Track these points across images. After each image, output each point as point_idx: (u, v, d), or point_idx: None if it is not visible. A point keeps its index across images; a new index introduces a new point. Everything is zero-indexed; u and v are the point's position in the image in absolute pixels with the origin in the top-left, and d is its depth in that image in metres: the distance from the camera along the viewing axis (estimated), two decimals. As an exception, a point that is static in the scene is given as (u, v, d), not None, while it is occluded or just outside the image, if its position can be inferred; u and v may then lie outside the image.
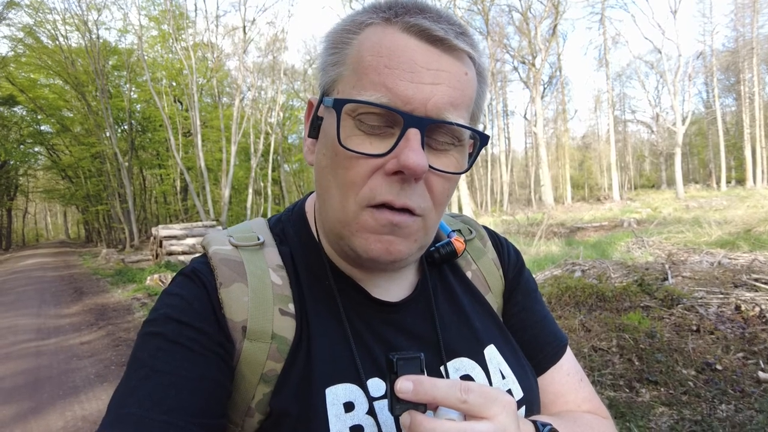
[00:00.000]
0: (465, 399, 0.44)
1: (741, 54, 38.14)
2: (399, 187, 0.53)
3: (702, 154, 50.93)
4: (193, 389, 0.52)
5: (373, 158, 0.53)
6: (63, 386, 4.54)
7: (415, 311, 0.67)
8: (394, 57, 0.52)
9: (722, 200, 20.22)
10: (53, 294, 10.57)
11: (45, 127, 31.09)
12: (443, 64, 0.53)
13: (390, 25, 0.54)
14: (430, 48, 0.53)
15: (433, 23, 0.53)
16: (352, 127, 0.54)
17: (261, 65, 29.65)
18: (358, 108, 0.53)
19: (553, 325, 0.78)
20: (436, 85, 0.52)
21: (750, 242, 8.57)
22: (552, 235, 13.13)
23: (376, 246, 0.56)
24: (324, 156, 0.58)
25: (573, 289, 5.24)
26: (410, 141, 0.51)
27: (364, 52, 0.54)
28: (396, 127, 0.53)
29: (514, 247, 0.82)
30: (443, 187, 0.57)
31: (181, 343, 0.54)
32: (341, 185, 0.56)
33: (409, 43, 0.53)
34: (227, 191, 23.19)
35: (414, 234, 0.57)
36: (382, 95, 0.51)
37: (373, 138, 0.54)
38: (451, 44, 0.53)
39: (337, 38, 0.58)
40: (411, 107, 0.51)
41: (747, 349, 3.82)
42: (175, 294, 0.58)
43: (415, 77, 0.51)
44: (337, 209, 0.57)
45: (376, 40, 0.54)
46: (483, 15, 30.34)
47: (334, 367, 0.58)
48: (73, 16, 24.45)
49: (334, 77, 0.57)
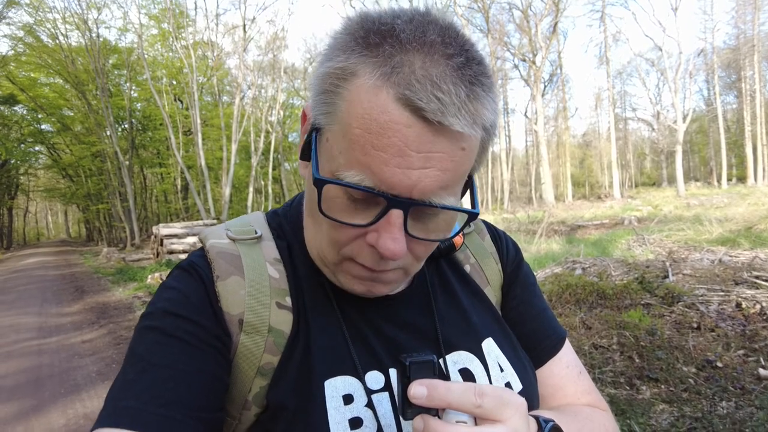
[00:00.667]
0: (480, 404, 0.43)
1: (742, 51, 38.05)
2: (379, 257, 0.53)
3: (703, 151, 50.87)
4: (190, 383, 0.52)
5: (355, 228, 0.53)
6: (65, 384, 4.55)
7: (412, 304, 0.67)
8: (383, 137, 0.46)
9: (723, 198, 20.20)
10: (54, 293, 10.60)
11: (45, 126, 31.16)
12: (437, 144, 0.47)
13: (382, 90, 0.46)
14: (423, 126, 0.46)
15: (431, 92, 0.45)
16: (338, 189, 0.51)
17: (261, 63, 29.66)
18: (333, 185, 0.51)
19: (552, 318, 0.78)
20: (425, 170, 0.48)
21: (751, 240, 8.56)
22: (553, 233, 13.13)
23: (358, 287, 0.58)
24: (309, 195, 0.58)
25: (574, 287, 5.25)
26: (390, 225, 0.50)
27: (352, 120, 0.48)
28: (380, 204, 0.51)
29: (513, 240, 0.82)
30: (426, 248, 0.58)
31: (179, 337, 0.54)
32: (326, 237, 0.56)
33: (401, 119, 0.46)
34: (228, 190, 23.20)
35: (396, 280, 0.59)
36: (366, 177, 0.48)
37: (359, 208, 0.52)
38: (448, 125, 0.46)
39: (326, 82, 0.50)
40: (396, 192, 0.48)
41: (747, 347, 3.83)
42: (172, 288, 0.58)
43: (404, 162, 0.47)
44: (319, 248, 0.59)
45: (367, 107, 0.47)
46: (483, 13, 30.29)
47: (333, 359, 0.59)
48: (73, 15, 24.51)
49: (325, 123, 0.52)
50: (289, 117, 36.79)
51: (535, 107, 31.10)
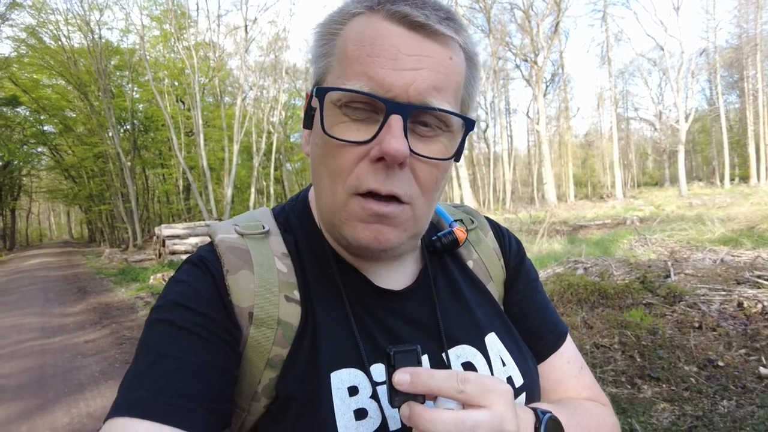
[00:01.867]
0: (462, 389, 0.44)
1: (744, 51, 37.94)
2: (384, 174, 0.54)
3: (705, 151, 50.74)
4: (201, 374, 0.53)
5: (358, 145, 0.54)
6: (68, 384, 4.57)
7: (417, 299, 0.67)
8: (376, 45, 0.52)
9: (726, 198, 20.15)
10: (57, 293, 10.63)
11: (48, 128, 31.21)
12: (425, 49, 0.53)
13: (374, 14, 0.54)
14: (412, 34, 0.53)
15: (415, 9, 0.53)
16: (339, 115, 0.55)
17: (263, 64, 29.68)
18: (342, 97, 0.54)
19: (554, 314, 0.79)
20: (417, 71, 0.52)
21: (753, 239, 8.54)
22: (554, 233, 13.12)
23: (364, 234, 0.57)
24: (316, 145, 0.60)
25: (575, 287, 5.25)
26: (392, 128, 0.51)
27: (348, 42, 0.55)
28: (380, 114, 0.53)
29: (515, 237, 0.83)
30: (430, 174, 0.57)
31: (189, 329, 0.55)
32: (331, 173, 0.57)
33: (391, 30, 0.53)
34: (230, 190, 23.24)
35: (403, 223, 0.57)
36: (364, 84, 0.52)
37: (360, 125, 0.54)
38: (434, 29, 0.53)
39: (326, 30, 0.58)
40: (393, 94, 0.52)
41: (749, 346, 3.83)
42: (182, 281, 0.59)
43: (397, 64, 0.52)
44: (328, 197, 0.59)
45: (360, 29, 0.54)
46: (485, 13, 30.28)
47: (339, 352, 0.60)
48: (75, 17, 24.58)
49: (324, 68, 0.58)
50: (290, 117, 36.82)
51: (537, 107, 31.06)
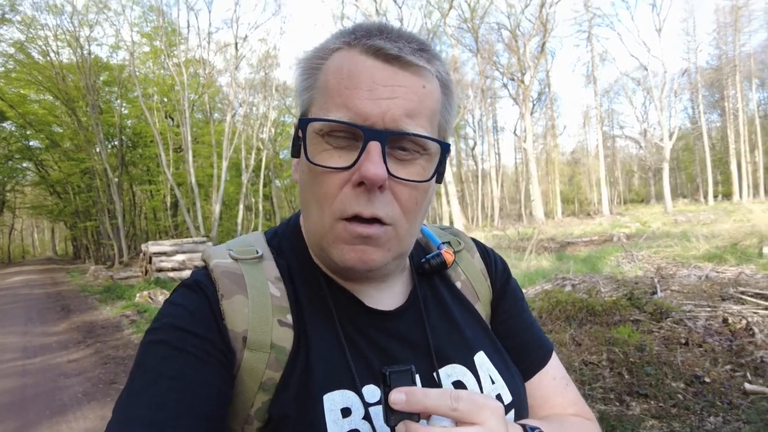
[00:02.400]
0: (455, 407, 0.45)
1: (724, 71, 38.98)
2: (366, 198, 0.56)
3: (689, 168, 51.66)
4: (198, 394, 0.54)
5: (340, 171, 0.57)
6: (50, 405, 4.46)
7: (407, 320, 0.69)
8: (353, 78, 0.56)
9: (710, 214, 20.48)
10: (40, 311, 10.42)
11: (34, 143, 30.88)
12: (399, 79, 0.57)
13: (351, 49, 0.58)
14: (386, 66, 0.57)
15: (388, 43, 0.56)
16: (322, 143, 0.58)
17: (253, 81, 29.81)
18: (324, 127, 0.58)
19: (540, 332, 0.81)
20: (392, 99, 0.56)
21: (737, 256, 8.69)
22: (542, 250, 13.21)
23: (350, 255, 0.59)
24: (302, 173, 0.63)
25: (563, 304, 5.27)
26: (370, 153, 0.55)
27: (329, 76, 0.58)
28: (360, 141, 0.56)
29: (500, 257, 0.85)
30: (410, 195, 0.59)
31: (186, 350, 0.56)
32: (317, 199, 0.60)
33: (366, 63, 0.57)
34: (218, 207, 23.11)
35: (387, 243, 0.60)
36: (344, 114, 0.56)
37: (342, 152, 0.57)
38: (407, 60, 0.57)
39: (309, 65, 0.62)
40: (370, 122, 0.55)
41: (734, 362, 3.87)
42: (178, 304, 0.61)
43: (373, 94, 0.55)
44: (316, 222, 0.61)
45: (339, 63, 0.58)
46: (473, 33, 30.82)
47: (331, 374, 0.61)
48: (65, 32, 24.52)
49: (308, 100, 0.62)
50: (280, 134, 36.88)
51: (524, 125, 31.48)
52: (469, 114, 36.70)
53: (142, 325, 7.90)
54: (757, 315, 4.71)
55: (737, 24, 36.04)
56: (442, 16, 28.85)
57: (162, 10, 24.14)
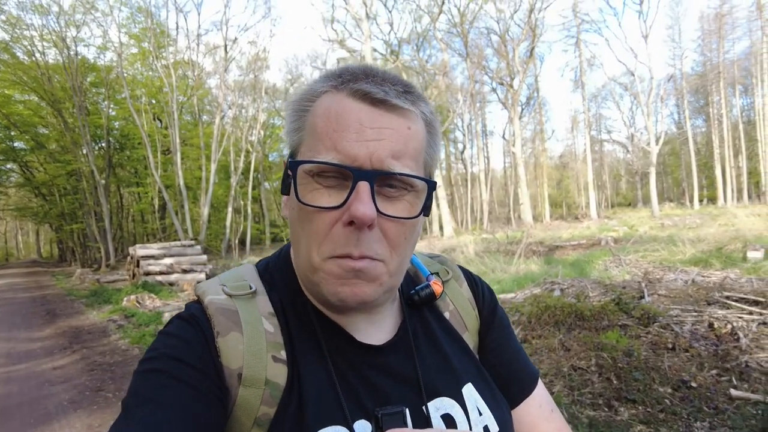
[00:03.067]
0: None
1: (709, 77, 39.66)
2: (356, 237, 0.58)
3: (675, 173, 52.38)
4: (197, 425, 0.54)
5: (330, 211, 0.59)
6: (34, 414, 4.39)
7: (397, 353, 0.70)
8: (341, 121, 0.58)
9: (695, 218, 20.77)
10: (24, 316, 10.25)
11: (19, 144, 30.40)
12: (385, 122, 0.59)
13: (338, 92, 0.60)
14: (372, 109, 0.59)
15: (374, 86, 0.59)
16: (312, 183, 0.60)
17: (242, 83, 29.71)
18: (314, 168, 0.59)
19: (526, 359, 0.83)
20: (379, 141, 0.58)
21: (722, 260, 8.81)
22: (531, 254, 13.28)
23: (343, 290, 0.60)
24: (293, 210, 0.64)
25: (552, 309, 5.31)
26: (359, 193, 0.57)
27: (317, 118, 0.60)
28: (348, 181, 0.58)
29: (488, 285, 0.87)
30: (398, 231, 0.61)
31: (184, 381, 0.56)
32: (308, 236, 0.61)
33: (353, 106, 0.59)
34: (206, 210, 22.96)
35: (378, 277, 0.61)
36: (333, 156, 0.58)
37: (332, 191, 0.59)
38: (392, 104, 0.59)
39: (298, 106, 0.64)
40: (359, 163, 0.57)
41: (720, 366, 3.92)
42: (174, 335, 0.61)
43: (360, 136, 0.58)
44: (307, 258, 0.62)
45: (327, 106, 0.60)
46: (462, 37, 30.99)
47: (324, 410, 0.61)
48: (50, 33, 24.23)
49: (297, 141, 0.64)
50: (269, 137, 36.75)
51: (513, 129, 31.72)
52: (459, 118, 36.88)
53: (129, 331, 7.81)
54: (742, 320, 4.79)
55: (721, 31, 36.71)
56: (432, 21, 29.02)
57: (150, 12, 24.00)
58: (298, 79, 39.77)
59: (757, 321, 4.72)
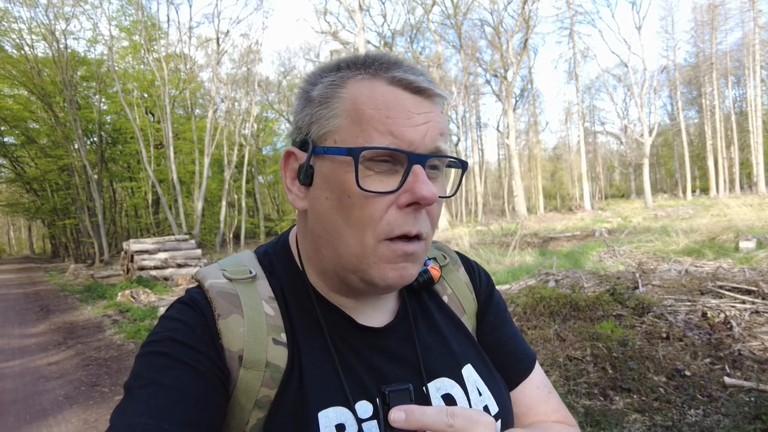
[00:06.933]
0: (451, 423, 0.47)
1: (702, 69, 39.78)
2: (413, 217, 0.61)
3: (668, 164, 52.66)
4: (200, 406, 0.55)
5: (386, 195, 0.60)
6: (30, 410, 4.37)
7: (397, 336, 0.71)
8: (392, 108, 0.60)
9: (688, 209, 20.93)
10: (18, 312, 10.20)
11: (9, 139, 30.07)
12: (427, 107, 0.62)
13: (376, 80, 0.62)
14: (415, 97, 0.62)
15: (413, 75, 0.62)
16: (363, 170, 0.60)
17: (235, 77, 29.47)
18: (367, 154, 0.60)
19: (523, 342, 0.85)
20: (427, 124, 0.61)
21: (714, 250, 8.89)
22: (526, 246, 13.34)
23: (392, 274, 0.62)
24: (328, 200, 0.63)
25: (547, 299, 5.34)
26: (419, 175, 0.59)
27: (361, 105, 0.61)
28: (399, 166, 0.60)
29: (484, 270, 0.89)
30: (437, 210, 0.65)
31: (187, 363, 0.57)
32: (357, 223, 0.61)
33: (399, 95, 0.61)
34: (200, 204, 22.86)
35: (420, 257, 0.64)
36: (390, 141, 0.59)
37: (383, 176, 0.60)
38: (432, 93, 0.63)
39: (325, 92, 0.63)
40: (413, 147, 0.60)
41: (713, 355, 3.96)
42: (176, 319, 0.62)
43: (411, 122, 0.60)
44: (352, 245, 0.62)
45: (369, 93, 0.61)
46: (456, 29, 30.91)
47: (325, 391, 0.62)
48: (39, 26, 23.88)
49: (329, 128, 0.62)
50: (263, 130, 36.57)
51: (507, 121, 31.73)
52: (453, 110, 36.82)
53: (124, 325, 7.78)
54: (735, 309, 4.84)
55: (714, 22, 36.79)
56: (425, 12, 28.92)
57: (141, 4, 23.71)
58: (291, 72, 39.51)
59: (750, 310, 4.77)
